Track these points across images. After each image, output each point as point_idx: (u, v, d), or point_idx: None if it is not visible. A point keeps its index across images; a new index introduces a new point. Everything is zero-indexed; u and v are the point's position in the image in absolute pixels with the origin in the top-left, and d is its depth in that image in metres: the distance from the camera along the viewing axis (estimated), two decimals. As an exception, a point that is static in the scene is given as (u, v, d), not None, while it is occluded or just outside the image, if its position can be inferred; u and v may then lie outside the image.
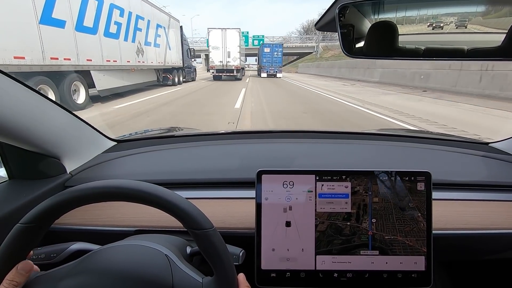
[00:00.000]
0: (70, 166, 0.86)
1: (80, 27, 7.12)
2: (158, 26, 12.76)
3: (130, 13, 9.92)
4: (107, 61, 8.37)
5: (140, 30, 10.80)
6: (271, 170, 0.67)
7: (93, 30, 7.71)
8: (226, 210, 0.77)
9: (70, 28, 6.77)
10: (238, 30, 19.95)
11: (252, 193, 0.67)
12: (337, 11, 0.59)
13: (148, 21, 11.60)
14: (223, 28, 19.58)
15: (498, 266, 0.90)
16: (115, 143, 1.06)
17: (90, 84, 7.67)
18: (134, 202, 0.47)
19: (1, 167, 0.80)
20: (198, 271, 0.51)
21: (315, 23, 0.72)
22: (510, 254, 0.79)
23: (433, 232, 0.66)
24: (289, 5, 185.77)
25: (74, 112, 0.85)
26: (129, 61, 9.83)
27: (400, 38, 0.62)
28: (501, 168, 0.92)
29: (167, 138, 1.19)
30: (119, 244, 0.54)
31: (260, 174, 0.66)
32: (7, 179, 0.79)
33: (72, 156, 0.86)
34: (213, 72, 20.48)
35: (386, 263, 0.65)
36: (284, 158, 0.96)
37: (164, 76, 14.31)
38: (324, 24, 0.67)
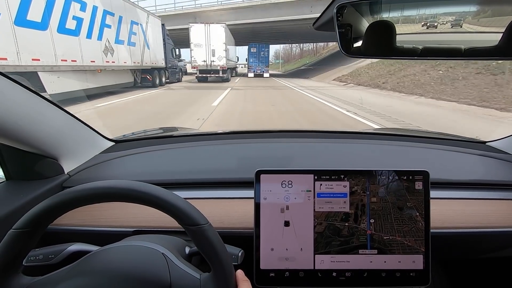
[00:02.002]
0: (68, 166, 0.85)
1: (22, 21, 6.09)
2: (133, 23, 11.73)
3: (95, 8, 8.89)
4: (62, 61, 7.34)
5: (109, 27, 9.77)
6: (270, 170, 0.66)
7: (41, 25, 6.68)
8: (224, 210, 0.76)
9: (7, 22, 5.76)
10: (224, 25, 17.89)
11: (250, 193, 0.67)
12: (335, 10, 0.59)
13: (120, 17, 10.58)
14: (207, 23, 17.62)
15: (495, 264, 0.91)
16: (113, 143, 1.05)
17: (40, 88, 6.62)
18: (129, 202, 0.47)
19: None
20: (196, 268, 0.52)
21: (312, 23, 0.72)
22: (507, 252, 0.79)
23: (431, 231, 0.65)
24: None
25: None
26: (93, 61, 8.80)
27: (398, 38, 0.61)
28: (498, 167, 0.91)
29: (165, 138, 1.18)
30: (116, 245, 0.54)
31: (258, 174, 0.66)
32: (5, 180, 0.78)
33: (70, 157, 0.85)
34: (196, 73, 18.55)
35: (385, 262, 0.65)
36: (283, 157, 0.96)
37: (143, 77, 13.37)
38: (322, 24, 0.67)
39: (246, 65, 27.31)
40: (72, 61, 7.75)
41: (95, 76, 9.08)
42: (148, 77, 13.50)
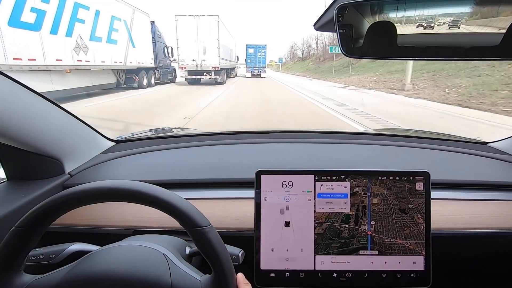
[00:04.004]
0: (69, 166, 0.84)
1: (-47, 11, 4.99)
2: (114, 18, 10.69)
3: None
4: (15, 59, 6.29)
5: (82, 21, 8.74)
6: (270, 170, 0.66)
7: (-16, 17, 5.57)
8: (225, 210, 0.76)
9: None
10: (217, 17, 14.95)
11: (251, 193, 0.67)
12: (335, 11, 0.59)
13: (97, 11, 9.55)
14: (196, 15, 14.60)
15: (496, 265, 0.90)
16: (114, 143, 1.05)
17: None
18: (130, 202, 0.47)
19: (0, 168, 0.78)
20: (196, 270, 0.52)
21: (313, 23, 0.72)
22: (508, 253, 0.79)
23: (432, 231, 0.65)
24: None
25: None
26: (60, 60, 7.73)
27: (399, 38, 0.61)
28: (499, 167, 0.91)
29: (166, 138, 1.18)
30: (117, 245, 0.54)
31: (259, 174, 0.66)
32: (6, 180, 0.78)
33: (71, 157, 0.85)
34: (184, 75, 15.99)
35: (385, 263, 0.65)
36: (284, 158, 0.96)
37: (129, 78, 12.33)
38: (322, 24, 0.67)
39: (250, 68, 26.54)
40: (29, 59, 6.71)
41: (64, 77, 8.04)
42: (134, 78, 12.51)
